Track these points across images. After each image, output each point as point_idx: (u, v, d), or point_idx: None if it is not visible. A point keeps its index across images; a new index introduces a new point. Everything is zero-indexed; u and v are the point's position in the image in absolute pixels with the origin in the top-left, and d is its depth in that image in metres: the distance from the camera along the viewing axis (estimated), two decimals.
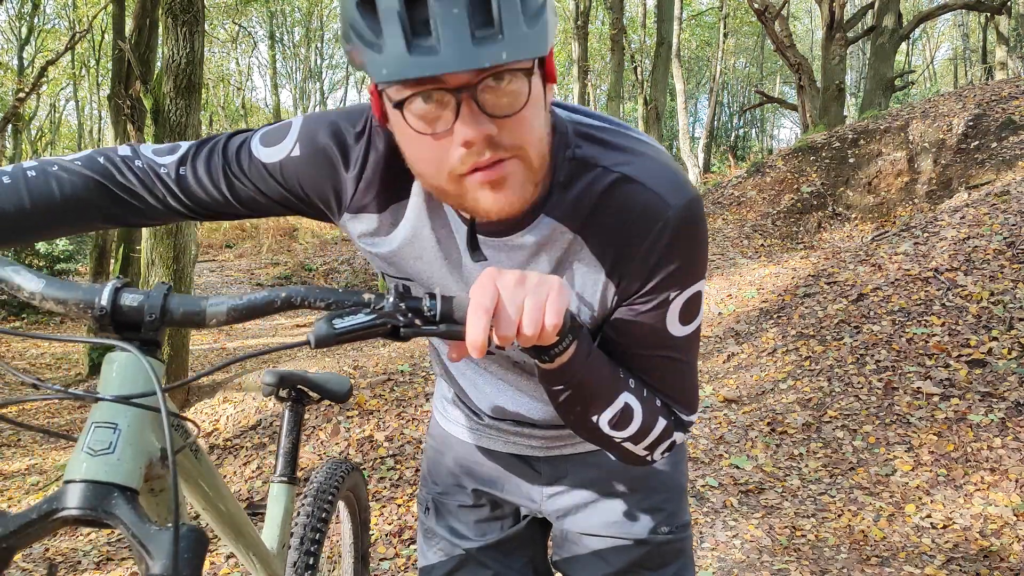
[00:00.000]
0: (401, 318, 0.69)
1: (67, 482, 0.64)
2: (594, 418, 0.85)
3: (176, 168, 0.90)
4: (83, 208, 0.89)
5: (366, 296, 0.70)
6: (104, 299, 0.70)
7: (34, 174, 0.87)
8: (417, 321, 0.69)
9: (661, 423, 0.89)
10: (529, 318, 0.68)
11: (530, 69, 0.69)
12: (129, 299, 0.71)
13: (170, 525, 0.61)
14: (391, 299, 0.69)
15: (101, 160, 0.91)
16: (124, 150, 0.93)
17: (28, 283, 0.72)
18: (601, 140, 0.83)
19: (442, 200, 0.80)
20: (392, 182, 0.87)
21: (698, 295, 0.86)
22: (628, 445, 0.89)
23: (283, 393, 1.56)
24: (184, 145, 0.93)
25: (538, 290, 0.69)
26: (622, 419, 0.86)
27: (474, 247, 0.84)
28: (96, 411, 0.68)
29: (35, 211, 0.86)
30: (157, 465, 0.72)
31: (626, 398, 0.85)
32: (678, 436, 0.92)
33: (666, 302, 0.84)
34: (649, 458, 0.91)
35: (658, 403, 0.89)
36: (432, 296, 0.70)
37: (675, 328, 0.86)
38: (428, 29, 0.64)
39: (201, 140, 0.93)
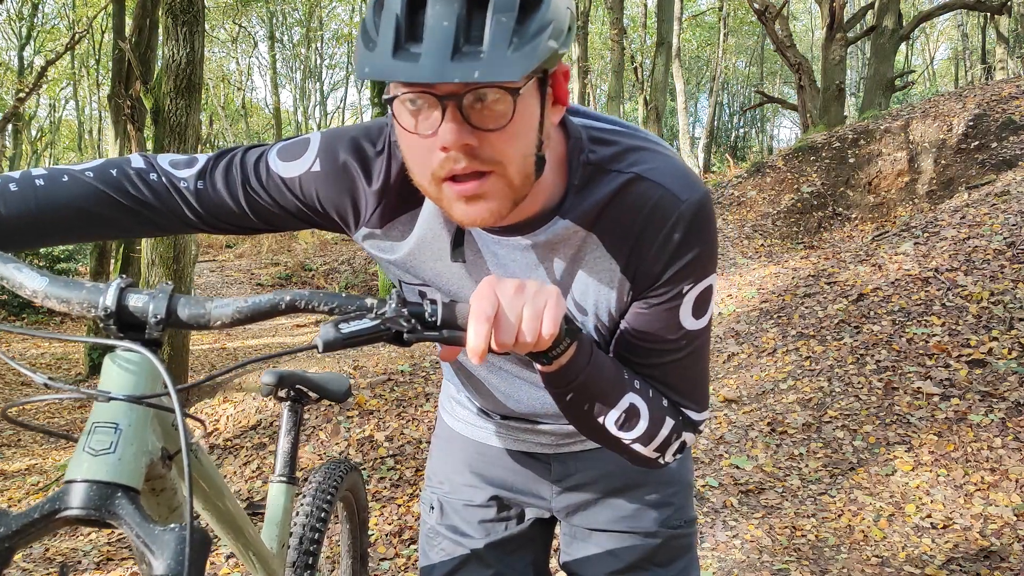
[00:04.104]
0: (405, 323, 0.69)
1: (68, 482, 0.64)
2: (600, 419, 0.86)
3: (195, 181, 0.91)
4: (91, 219, 0.89)
5: (368, 301, 0.71)
6: (109, 299, 0.70)
7: (43, 183, 0.87)
8: (419, 327, 0.70)
9: (669, 423, 0.89)
10: (527, 326, 0.70)
11: (517, 90, 0.70)
12: (134, 299, 0.70)
13: (173, 525, 0.61)
14: (393, 304, 0.70)
15: (113, 172, 0.90)
16: (138, 162, 0.92)
17: (30, 281, 0.71)
18: (614, 143, 0.86)
19: (428, 198, 0.82)
20: (409, 192, 0.89)
21: (710, 288, 0.88)
22: (637, 447, 0.89)
23: (282, 393, 1.56)
24: (201, 158, 0.93)
25: (536, 299, 0.71)
26: (628, 419, 0.86)
27: (455, 246, 0.87)
28: (97, 411, 0.67)
29: (41, 220, 0.86)
30: (158, 465, 0.71)
31: (631, 398, 0.86)
32: (688, 436, 0.92)
33: (680, 295, 0.86)
34: (660, 460, 0.92)
35: (665, 403, 0.90)
36: (433, 302, 0.71)
37: (688, 321, 0.87)
38: (420, 36, 0.66)
39: (218, 153, 0.94)
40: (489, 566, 1.16)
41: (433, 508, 1.21)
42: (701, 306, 0.87)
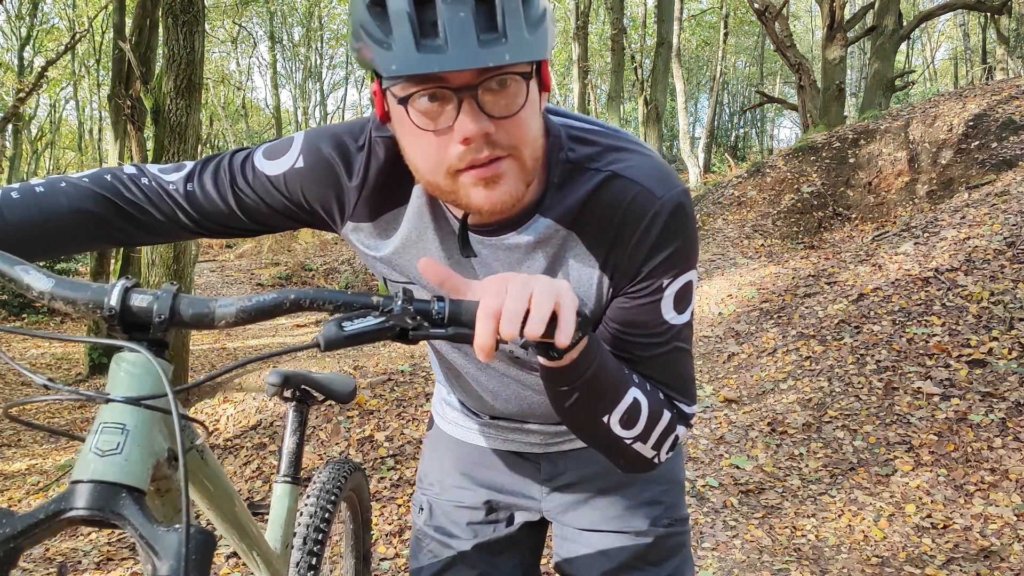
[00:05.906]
0: (410, 321, 0.69)
1: (74, 482, 0.64)
2: (604, 419, 0.86)
3: (184, 184, 0.93)
4: (91, 224, 0.91)
5: (374, 299, 0.70)
6: (113, 299, 0.70)
7: (43, 190, 0.89)
8: (425, 324, 0.69)
9: (666, 416, 0.89)
10: (536, 319, 0.69)
11: (529, 74, 0.73)
12: (138, 300, 0.71)
13: (177, 526, 0.61)
14: (399, 302, 0.69)
15: (108, 177, 0.93)
16: (129, 169, 0.95)
17: (37, 283, 0.71)
18: (592, 142, 0.87)
19: (437, 196, 0.83)
20: (393, 189, 0.90)
21: (690, 283, 0.89)
22: (637, 446, 0.89)
23: (287, 393, 1.56)
24: (188, 164, 0.96)
25: (547, 294, 0.70)
26: (631, 416, 0.86)
27: (464, 243, 0.87)
28: (104, 412, 0.67)
29: (44, 227, 0.88)
30: (164, 466, 0.72)
31: (634, 393, 0.86)
32: (681, 430, 0.92)
33: (660, 289, 0.87)
34: (656, 459, 0.91)
35: (661, 396, 0.90)
36: (440, 299, 0.70)
37: (671, 316, 0.88)
38: (435, 31, 0.68)
39: (205, 158, 0.96)
40: (475, 567, 1.16)
41: (423, 509, 1.22)
42: (682, 300, 0.89)
